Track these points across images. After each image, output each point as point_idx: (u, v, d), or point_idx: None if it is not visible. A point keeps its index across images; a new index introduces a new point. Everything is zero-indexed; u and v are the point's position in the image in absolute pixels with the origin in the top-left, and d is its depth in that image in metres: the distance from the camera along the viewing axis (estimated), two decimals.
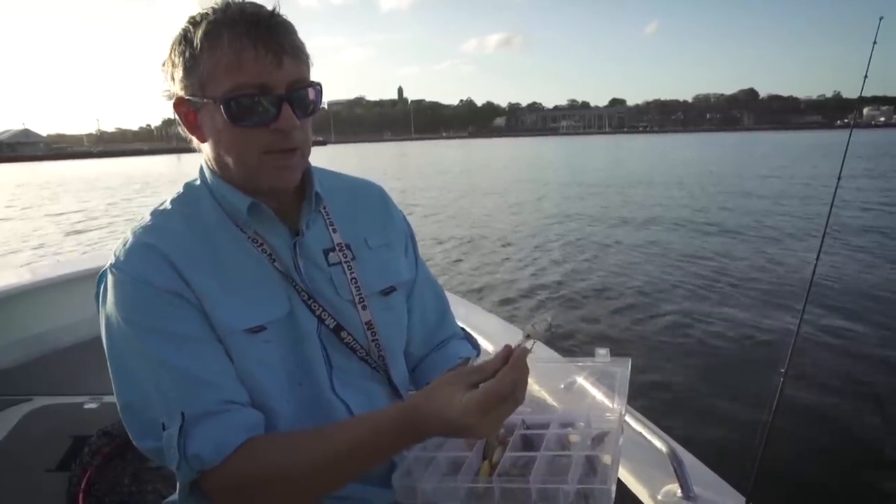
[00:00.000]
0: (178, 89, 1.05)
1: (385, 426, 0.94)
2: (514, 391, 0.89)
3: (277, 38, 1.00)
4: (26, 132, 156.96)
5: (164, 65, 1.07)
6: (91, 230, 16.58)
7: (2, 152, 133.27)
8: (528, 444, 1.03)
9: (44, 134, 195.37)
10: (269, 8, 1.03)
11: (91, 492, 1.80)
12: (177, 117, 1.09)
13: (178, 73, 1.04)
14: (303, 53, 1.05)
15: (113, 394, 1.03)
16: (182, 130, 1.11)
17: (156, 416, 0.98)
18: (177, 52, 1.04)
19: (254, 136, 1.03)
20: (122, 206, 22.44)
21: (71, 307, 2.86)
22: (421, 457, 1.03)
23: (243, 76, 0.99)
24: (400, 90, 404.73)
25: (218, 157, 1.09)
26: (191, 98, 1.04)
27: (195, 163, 1.18)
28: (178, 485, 1.00)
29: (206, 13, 1.02)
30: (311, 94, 1.07)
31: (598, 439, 1.00)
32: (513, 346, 0.93)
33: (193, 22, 1.02)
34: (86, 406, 2.13)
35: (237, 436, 0.98)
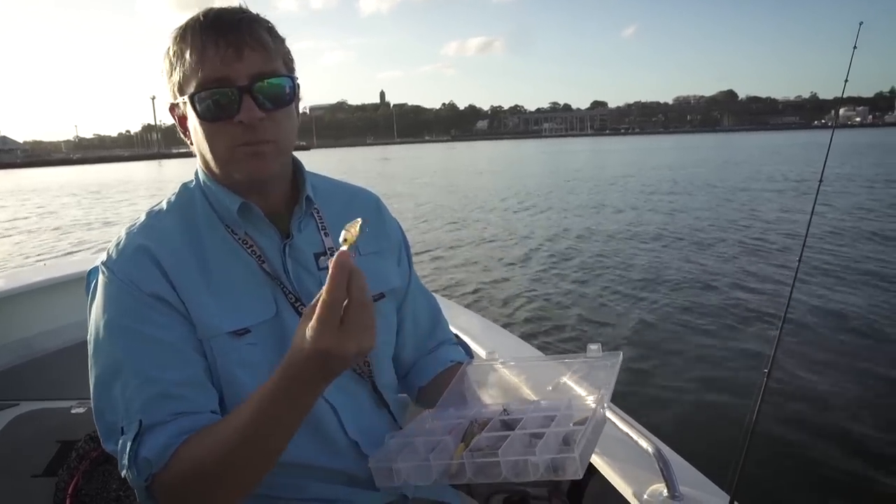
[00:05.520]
0: (168, 95, 1.09)
1: (272, 390, 0.89)
2: (352, 294, 0.81)
3: (239, 31, 1.01)
4: (3, 139, 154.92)
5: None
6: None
7: None
8: (508, 428, 1.03)
9: (21, 141, 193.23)
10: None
11: (79, 497, 1.78)
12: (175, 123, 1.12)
13: (164, 80, 1.08)
14: (271, 47, 1.05)
15: None
16: (181, 135, 1.14)
17: (119, 420, 0.99)
18: (163, 62, 1.07)
19: (221, 131, 1.04)
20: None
21: (56, 311, 2.83)
22: (399, 442, 1.04)
23: (206, 71, 1.01)
24: (382, 94, 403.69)
25: (201, 156, 1.11)
26: (175, 102, 1.08)
27: (176, 169, 1.20)
28: (135, 491, 1.01)
29: (183, 23, 1.05)
30: (285, 86, 1.06)
31: (579, 423, 1.00)
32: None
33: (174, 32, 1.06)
34: (73, 411, 2.10)
35: (180, 438, 0.97)
